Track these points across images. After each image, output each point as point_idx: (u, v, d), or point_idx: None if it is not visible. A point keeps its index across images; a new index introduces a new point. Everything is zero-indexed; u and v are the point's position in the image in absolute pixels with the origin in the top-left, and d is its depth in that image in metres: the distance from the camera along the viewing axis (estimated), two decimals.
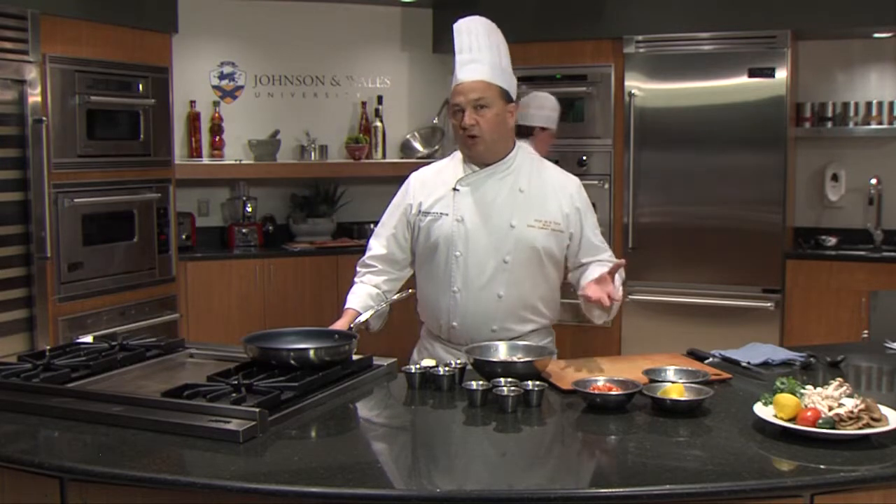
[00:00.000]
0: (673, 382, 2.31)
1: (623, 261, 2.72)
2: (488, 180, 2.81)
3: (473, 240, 2.77)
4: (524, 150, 2.89)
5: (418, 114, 6.23)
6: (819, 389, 2.08)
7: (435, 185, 2.87)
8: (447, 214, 2.80)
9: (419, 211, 2.85)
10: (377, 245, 2.95)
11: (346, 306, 2.84)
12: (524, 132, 4.67)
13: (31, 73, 4.27)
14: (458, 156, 2.90)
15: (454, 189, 2.82)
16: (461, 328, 2.81)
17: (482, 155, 2.79)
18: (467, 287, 2.77)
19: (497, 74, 2.78)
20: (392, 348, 3.03)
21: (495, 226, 2.77)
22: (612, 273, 2.64)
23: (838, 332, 5.09)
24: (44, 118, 4.29)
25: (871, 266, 5.22)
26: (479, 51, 2.78)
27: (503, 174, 2.81)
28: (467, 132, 2.74)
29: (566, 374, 2.48)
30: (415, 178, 2.94)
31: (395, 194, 2.99)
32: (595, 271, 2.77)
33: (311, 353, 2.40)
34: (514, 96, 2.82)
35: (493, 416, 2.20)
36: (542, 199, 2.81)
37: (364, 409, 2.36)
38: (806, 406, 2.03)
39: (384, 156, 6.14)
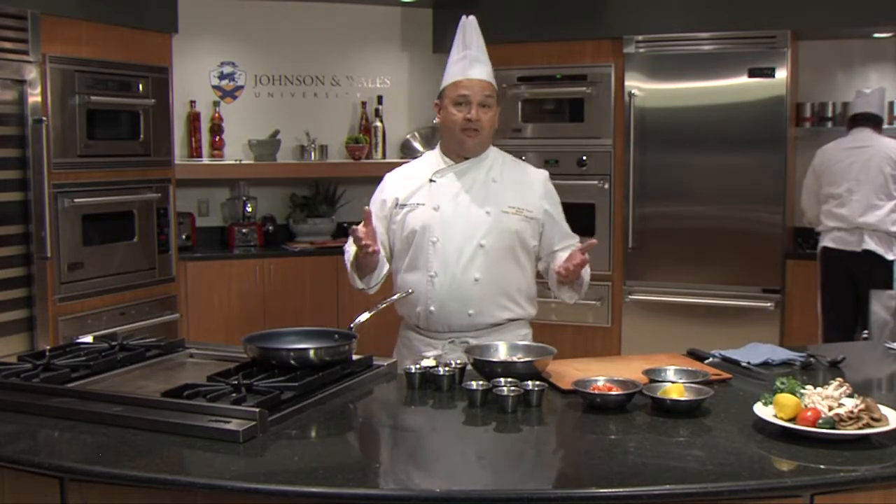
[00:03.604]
0: (673, 382, 2.31)
1: (595, 241, 2.82)
2: (464, 172, 2.92)
3: (449, 226, 2.85)
4: (494, 148, 3.02)
5: (418, 114, 6.23)
6: (819, 389, 2.08)
7: (411, 179, 2.97)
8: (424, 204, 2.89)
9: (396, 204, 2.94)
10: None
11: (353, 250, 2.86)
12: None
13: (31, 73, 4.27)
14: (431, 153, 3.03)
15: (430, 181, 2.91)
16: (439, 313, 2.86)
17: (475, 149, 2.92)
18: (444, 271, 2.84)
19: (493, 78, 2.94)
20: (391, 349, 3.04)
21: (471, 212, 2.86)
22: (583, 251, 2.75)
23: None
24: (44, 118, 4.29)
25: None
26: (483, 52, 2.93)
27: (478, 167, 2.93)
28: (471, 125, 2.85)
29: (566, 373, 2.48)
30: (389, 176, 3.05)
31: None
32: (566, 254, 2.88)
33: (311, 353, 2.40)
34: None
35: (493, 416, 2.20)
36: (514, 188, 2.93)
37: (364, 409, 2.36)
38: (806, 406, 2.03)
39: (384, 156, 6.14)
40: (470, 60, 2.89)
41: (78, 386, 2.34)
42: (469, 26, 2.95)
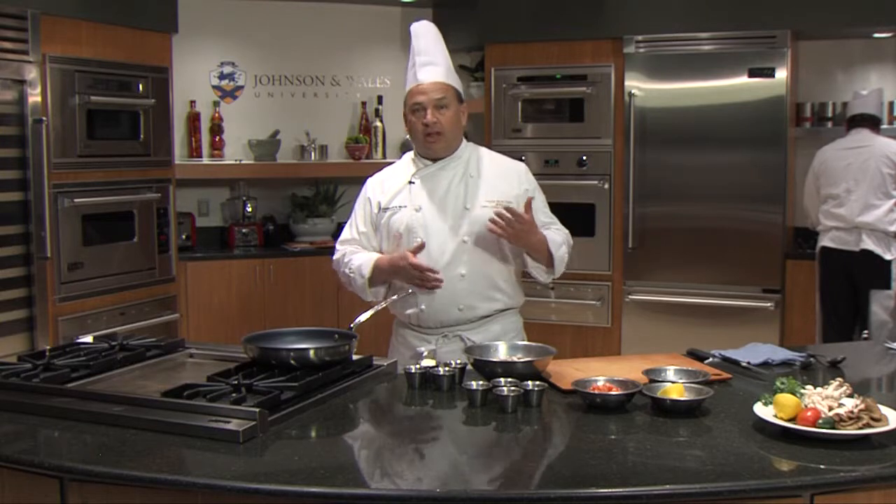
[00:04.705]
0: (673, 382, 2.31)
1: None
2: (441, 172, 2.95)
3: (432, 225, 2.89)
4: (469, 144, 3.05)
5: None
6: (819, 389, 2.08)
7: (391, 183, 3.02)
8: (405, 206, 2.93)
9: (379, 208, 2.99)
10: (349, 235, 3.07)
11: (368, 261, 2.92)
12: None
13: (31, 73, 4.27)
14: (408, 156, 3.06)
15: (410, 182, 2.95)
16: (429, 310, 2.89)
17: (440, 151, 2.95)
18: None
19: (451, 77, 2.98)
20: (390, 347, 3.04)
21: (451, 210, 2.90)
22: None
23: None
24: (44, 118, 4.29)
25: None
26: (436, 54, 2.98)
27: (454, 165, 2.97)
28: (429, 129, 2.89)
29: (566, 373, 2.48)
30: (371, 181, 3.10)
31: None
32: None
33: (311, 353, 2.40)
34: (463, 98, 3.02)
35: (493, 416, 2.20)
36: (491, 181, 2.96)
37: (364, 409, 2.36)
38: (806, 406, 2.03)
39: (384, 156, 6.14)
40: (420, 65, 2.94)
41: (78, 386, 2.34)
42: (417, 32, 2.99)
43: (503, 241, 2.90)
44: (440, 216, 2.89)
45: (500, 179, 2.97)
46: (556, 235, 2.96)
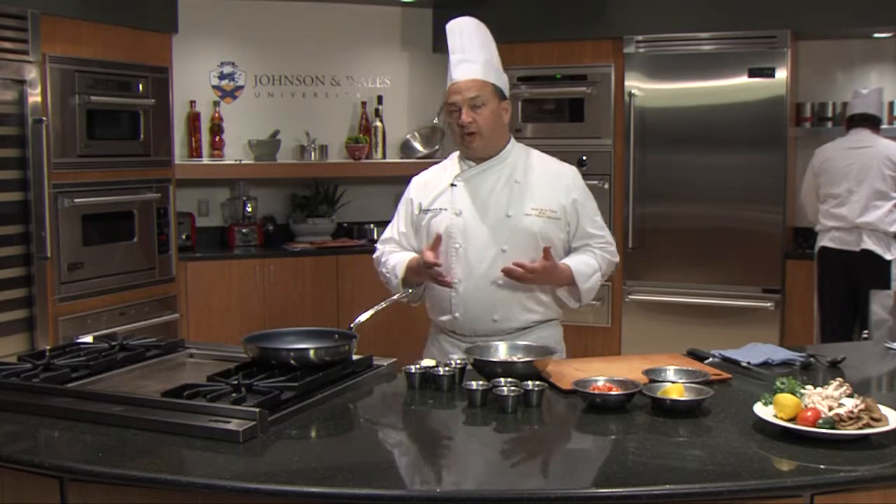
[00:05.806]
0: (673, 382, 2.31)
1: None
2: (484, 174, 2.86)
3: (472, 231, 2.81)
4: (518, 145, 2.96)
5: (418, 114, 6.23)
6: (819, 389, 2.08)
7: (434, 184, 2.94)
8: (446, 209, 2.85)
9: (420, 210, 2.92)
10: (389, 234, 3.02)
11: (402, 261, 2.88)
12: None
13: (31, 73, 4.27)
14: (455, 155, 2.97)
15: (452, 185, 2.87)
16: (463, 318, 2.83)
17: (479, 151, 2.86)
18: (468, 277, 2.80)
19: (490, 72, 2.85)
20: (392, 348, 3.04)
21: (492, 216, 2.82)
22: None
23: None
24: (44, 118, 4.29)
25: None
26: (472, 50, 2.85)
27: (499, 168, 2.87)
28: (465, 130, 2.80)
29: (566, 373, 2.48)
30: (415, 180, 3.02)
31: (399, 196, 3.06)
32: (570, 258, 2.86)
33: (311, 353, 2.40)
34: (506, 94, 2.90)
35: (493, 416, 2.20)
36: (537, 188, 2.86)
37: (364, 409, 2.36)
38: (806, 406, 2.03)
39: (384, 156, 6.14)
40: (455, 63, 2.83)
41: (78, 386, 2.34)
42: (452, 28, 2.90)
43: (543, 251, 2.77)
44: (480, 222, 2.81)
45: (547, 187, 2.86)
46: (589, 262, 2.85)
